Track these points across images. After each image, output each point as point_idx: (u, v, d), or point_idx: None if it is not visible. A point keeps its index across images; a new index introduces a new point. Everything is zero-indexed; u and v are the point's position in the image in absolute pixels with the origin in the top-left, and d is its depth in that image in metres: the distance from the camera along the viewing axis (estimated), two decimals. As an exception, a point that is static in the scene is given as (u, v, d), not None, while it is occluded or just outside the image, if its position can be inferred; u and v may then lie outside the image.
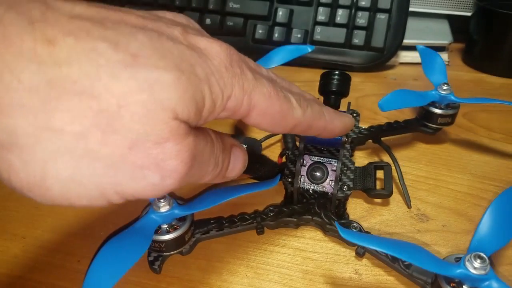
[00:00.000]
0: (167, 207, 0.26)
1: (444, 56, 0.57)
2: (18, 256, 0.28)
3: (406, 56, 0.57)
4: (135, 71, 0.14)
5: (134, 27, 0.15)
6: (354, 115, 0.39)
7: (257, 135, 0.40)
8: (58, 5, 0.14)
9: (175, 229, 0.26)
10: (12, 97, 0.13)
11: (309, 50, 0.40)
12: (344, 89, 0.31)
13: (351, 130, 0.28)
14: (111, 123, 0.14)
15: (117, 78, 0.14)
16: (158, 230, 0.26)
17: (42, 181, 0.14)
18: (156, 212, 0.26)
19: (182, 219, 0.27)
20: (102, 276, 0.21)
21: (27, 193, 0.14)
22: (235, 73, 0.17)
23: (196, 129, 0.17)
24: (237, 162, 0.20)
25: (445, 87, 0.37)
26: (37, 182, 0.14)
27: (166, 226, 0.26)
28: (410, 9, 0.53)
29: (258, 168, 0.30)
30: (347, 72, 0.31)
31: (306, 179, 0.30)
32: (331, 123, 0.23)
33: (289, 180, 0.30)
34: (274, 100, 0.18)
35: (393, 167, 0.35)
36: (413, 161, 0.38)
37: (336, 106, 0.34)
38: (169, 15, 0.18)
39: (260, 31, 0.54)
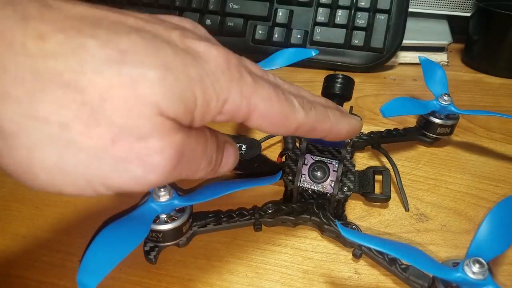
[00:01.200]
0: (167, 197, 0.26)
1: (444, 56, 0.57)
2: (18, 255, 0.28)
3: (405, 57, 0.57)
4: (120, 67, 0.14)
5: (130, 27, 0.15)
6: None
7: (257, 135, 0.40)
8: (58, 5, 0.14)
9: (173, 220, 0.27)
10: None
11: (313, 54, 0.41)
12: (347, 93, 0.31)
13: None
14: (94, 116, 0.14)
15: (100, 73, 0.14)
16: (156, 220, 0.26)
17: (28, 168, 0.15)
18: (156, 201, 0.26)
19: (181, 210, 0.27)
20: (98, 262, 0.21)
21: (17, 178, 0.15)
22: (233, 77, 0.17)
23: (190, 128, 0.17)
24: (229, 158, 0.20)
25: (445, 98, 0.37)
26: (24, 169, 0.15)
27: (165, 216, 0.27)
28: (410, 9, 0.53)
29: (257, 167, 0.30)
30: (350, 76, 0.31)
31: (307, 178, 0.30)
32: (336, 125, 0.22)
33: (290, 178, 0.30)
34: (274, 103, 0.18)
35: (392, 172, 0.35)
36: (413, 161, 0.38)
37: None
38: (174, 19, 0.18)
39: (260, 32, 0.54)
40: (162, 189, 0.26)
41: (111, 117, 0.14)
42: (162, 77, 0.15)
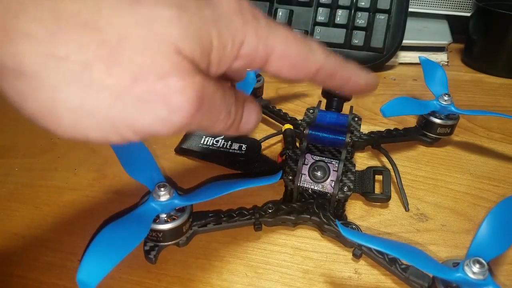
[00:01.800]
0: (167, 196, 0.26)
1: (444, 56, 0.57)
2: (18, 255, 0.28)
3: (405, 57, 0.57)
4: (136, 8, 0.14)
5: None
6: (356, 119, 0.39)
7: (257, 135, 0.40)
8: None
9: (173, 219, 0.27)
10: (18, 26, 0.13)
11: None
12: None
13: (353, 134, 0.28)
14: (113, 54, 0.14)
15: (117, 13, 0.14)
16: (156, 219, 0.26)
17: (52, 109, 0.15)
18: (156, 200, 0.26)
19: (181, 210, 0.27)
20: (98, 262, 0.21)
21: (41, 122, 0.15)
22: (247, 19, 0.17)
23: (208, 74, 0.17)
24: (251, 115, 0.20)
25: (446, 98, 0.38)
26: (48, 111, 0.15)
27: (165, 215, 0.27)
28: (410, 9, 0.53)
29: (257, 167, 0.30)
30: None
31: (307, 177, 0.30)
32: (355, 74, 0.22)
33: (290, 177, 0.30)
34: (292, 43, 0.18)
35: (392, 171, 0.35)
36: (413, 161, 0.38)
37: (338, 108, 0.34)
38: None
39: (260, 32, 0.54)
40: (162, 189, 0.26)
41: (130, 55, 0.14)
42: (177, 16, 0.15)
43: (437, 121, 0.38)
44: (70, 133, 0.15)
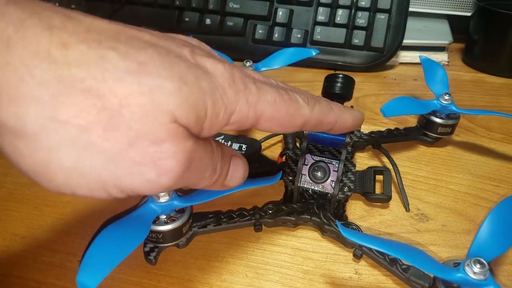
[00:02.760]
0: (167, 198, 0.26)
1: (444, 56, 0.57)
2: (18, 256, 0.28)
3: (405, 56, 0.57)
4: (139, 77, 0.15)
5: (146, 42, 0.16)
6: None
7: (257, 135, 0.40)
8: (79, 18, 0.15)
9: (173, 221, 0.26)
10: (23, 89, 0.14)
11: (314, 53, 0.41)
12: (347, 93, 0.31)
13: (353, 133, 0.28)
14: (113, 121, 0.15)
15: (121, 81, 0.15)
16: (156, 220, 0.26)
17: (46, 169, 0.15)
18: (156, 202, 0.26)
19: (181, 211, 0.27)
20: (98, 262, 0.21)
21: (34, 178, 0.16)
22: (239, 89, 0.18)
23: (197, 137, 0.18)
24: (237, 171, 0.21)
25: (446, 97, 0.37)
26: (42, 169, 0.15)
27: (165, 216, 0.27)
28: (410, 9, 0.53)
29: (257, 167, 0.30)
30: (351, 76, 0.31)
31: (307, 178, 0.30)
32: (341, 117, 0.23)
33: (290, 178, 0.30)
34: (279, 105, 0.19)
35: (392, 171, 0.35)
36: (413, 161, 0.38)
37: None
38: (182, 37, 0.20)
39: (260, 31, 0.54)
40: None
41: (129, 122, 0.15)
42: (178, 88, 0.16)
43: (438, 120, 0.38)
44: (59, 189, 0.16)
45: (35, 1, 0.15)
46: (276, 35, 0.54)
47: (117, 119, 0.15)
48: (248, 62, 0.39)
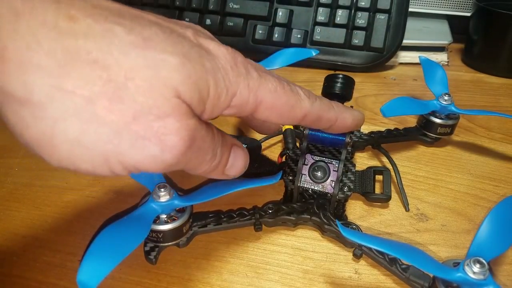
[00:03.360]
0: (167, 197, 0.26)
1: (444, 56, 0.57)
2: (18, 255, 0.28)
3: (405, 57, 0.57)
4: (144, 51, 0.15)
5: (150, 21, 0.17)
6: None
7: (257, 135, 0.40)
8: None
9: (173, 220, 0.27)
10: (31, 57, 0.14)
11: (314, 54, 0.41)
12: (347, 93, 0.31)
13: (353, 133, 0.28)
14: (118, 93, 0.15)
15: (127, 55, 0.15)
16: (156, 220, 0.26)
17: (50, 139, 0.15)
18: (156, 201, 0.26)
19: (181, 210, 0.27)
20: (99, 262, 0.21)
21: (37, 150, 0.16)
22: (241, 72, 0.18)
23: (200, 119, 0.18)
24: (238, 160, 0.21)
25: (446, 97, 0.37)
26: (46, 140, 0.15)
27: (165, 216, 0.27)
28: (410, 9, 0.53)
29: (257, 167, 0.30)
30: (351, 76, 0.31)
31: (307, 178, 0.30)
32: (341, 115, 0.23)
33: (290, 178, 0.30)
34: (280, 94, 0.20)
35: (392, 171, 0.35)
36: (413, 161, 0.38)
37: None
38: (185, 22, 0.20)
39: (260, 32, 0.54)
40: (162, 189, 0.26)
41: (134, 95, 0.15)
42: (182, 64, 0.16)
43: (438, 121, 0.38)
44: (62, 163, 0.16)
45: None
46: (276, 36, 0.54)
47: (122, 92, 0.15)
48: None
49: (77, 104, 0.15)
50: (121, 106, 0.15)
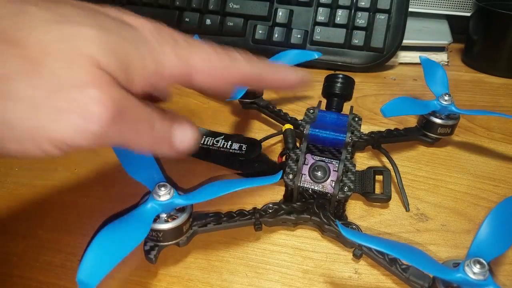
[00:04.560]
0: (168, 196, 0.26)
1: (444, 56, 0.57)
2: (18, 255, 0.28)
3: (405, 57, 0.57)
4: (61, 26, 0.16)
5: (69, 3, 0.17)
6: (356, 119, 0.39)
7: (257, 135, 0.40)
8: None
9: (173, 219, 0.26)
10: None
11: (316, 56, 0.41)
12: (347, 93, 0.31)
13: (353, 133, 0.28)
14: (36, 68, 0.15)
15: (43, 30, 0.15)
16: (156, 219, 0.26)
17: None
18: (156, 200, 0.26)
19: (181, 210, 0.27)
20: (98, 262, 0.21)
21: None
22: (167, 41, 0.18)
23: (130, 91, 0.17)
24: (185, 133, 0.21)
25: (446, 98, 0.37)
26: None
27: (165, 215, 0.27)
28: (410, 9, 0.53)
29: (257, 167, 0.30)
30: (351, 76, 0.31)
31: (308, 177, 0.30)
32: (286, 75, 0.23)
33: (290, 178, 0.30)
34: (213, 59, 0.19)
35: (392, 171, 0.35)
36: (413, 161, 0.38)
37: (338, 108, 0.34)
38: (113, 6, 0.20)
39: (260, 32, 0.54)
40: (162, 188, 0.26)
41: (52, 68, 0.15)
42: (98, 35, 0.16)
43: (438, 121, 0.38)
44: None
45: None
46: (276, 36, 0.54)
47: (40, 67, 0.15)
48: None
49: None
50: (40, 81, 0.15)
